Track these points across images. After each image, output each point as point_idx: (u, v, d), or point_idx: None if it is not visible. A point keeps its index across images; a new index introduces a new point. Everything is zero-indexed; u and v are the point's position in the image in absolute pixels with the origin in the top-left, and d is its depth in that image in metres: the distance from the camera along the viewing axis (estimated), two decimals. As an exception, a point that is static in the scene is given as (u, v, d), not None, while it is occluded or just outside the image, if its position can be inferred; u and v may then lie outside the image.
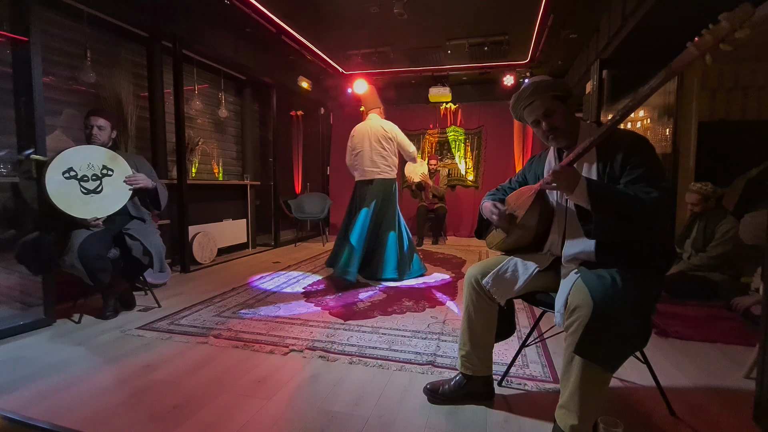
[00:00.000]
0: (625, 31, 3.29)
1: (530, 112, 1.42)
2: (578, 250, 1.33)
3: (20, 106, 2.30)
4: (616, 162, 1.29)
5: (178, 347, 2.08)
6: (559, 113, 1.38)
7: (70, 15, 3.15)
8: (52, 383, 1.69)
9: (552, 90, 1.38)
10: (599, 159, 1.33)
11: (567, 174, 1.23)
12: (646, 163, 1.25)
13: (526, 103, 1.42)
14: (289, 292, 3.13)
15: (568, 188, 1.23)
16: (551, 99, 1.38)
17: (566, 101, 1.41)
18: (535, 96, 1.38)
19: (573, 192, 1.22)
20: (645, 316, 1.18)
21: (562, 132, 1.39)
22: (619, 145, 1.29)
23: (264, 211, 5.63)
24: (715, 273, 2.77)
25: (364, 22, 4.15)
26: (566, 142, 1.41)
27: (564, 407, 1.20)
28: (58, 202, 2.20)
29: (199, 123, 4.70)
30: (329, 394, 1.62)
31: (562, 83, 1.43)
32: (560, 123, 1.38)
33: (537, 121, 1.41)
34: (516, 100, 1.45)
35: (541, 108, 1.38)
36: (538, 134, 1.45)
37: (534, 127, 1.45)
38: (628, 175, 1.26)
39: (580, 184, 1.21)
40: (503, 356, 1.93)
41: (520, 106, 1.45)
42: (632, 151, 1.28)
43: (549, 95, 1.38)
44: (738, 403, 1.57)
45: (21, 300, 2.59)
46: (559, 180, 1.24)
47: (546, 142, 1.46)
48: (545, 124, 1.39)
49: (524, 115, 1.46)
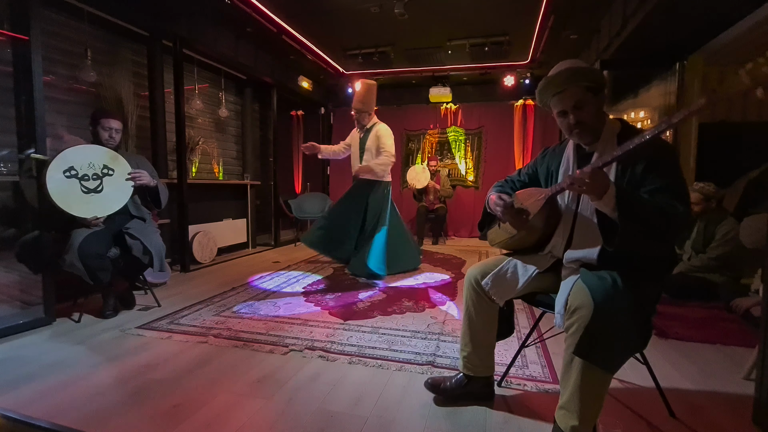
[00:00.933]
0: (625, 32, 3.30)
1: (559, 101, 1.31)
2: (581, 255, 1.32)
3: (21, 106, 2.30)
4: (638, 167, 1.22)
5: (178, 346, 2.08)
6: (590, 107, 1.28)
7: (70, 14, 3.16)
8: (52, 382, 1.69)
9: (587, 80, 1.27)
10: (618, 163, 1.25)
11: (599, 178, 1.13)
12: (671, 174, 1.19)
13: (557, 90, 1.30)
14: (288, 292, 3.13)
15: (597, 193, 1.13)
16: (584, 90, 1.27)
17: (599, 94, 1.30)
18: (568, 84, 1.27)
19: (601, 198, 1.13)
20: (645, 318, 1.18)
21: (588, 128, 1.30)
22: (644, 150, 1.15)
23: (264, 211, 5.64)
24: (715, 274, 2.76)
25: (364, 22, 4.15)
26: (589, 139, 1.33)
27: (564, 408, 1.20)
28: (59, 201, 2.20)
29: (199, 122, 4.70)
30: (329, 394, 1.62)
31: (598, 73, 1.32)
32: (588, 118, 1.29)
33: (564, 112, 1.31)
34: (546, 84, 1.32)
35: (572, 99, 1.28)
36: (561, 125, 1.36)
37: (559, 117, 1.34)
38: (651, 183, 1.20)
39: (609, 192, 1.12)
40: (503, 357, 1.93)
41: (549, 92, 1.33)
42: (657, 159, 1.21)
43: (582, 85, 1.27)
44: (737, 404, 1.57)
45: (21, 299, 2.59)
46: (591, 184, 1.13)
47: (568, 135, 1.37)
48: (573, 117, 1.29)
49: (551, 103, 1.35)
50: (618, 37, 3.46)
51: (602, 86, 1.31)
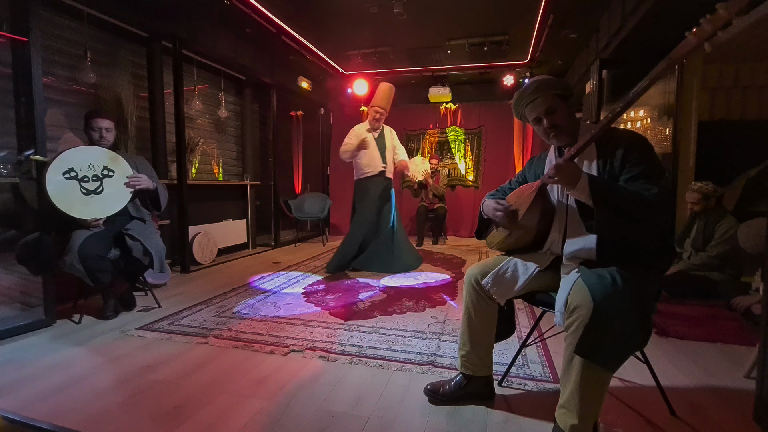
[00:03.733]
0: (624, 31, 3.30)
1: (532, 109, 1.43)
2: (579, 247, 1.33)
3: (20, 107, 2.30)
4: (616, 159, 1.30)
5: (178, 347, 2.08)
6: (561, 111, 1.39)
7: (70, 15, 3.15)
8: (53, 384, 1.69)
9: (554, 88, 1.40)
10: (599, 156, 1.34)
11: (569, 168, 1.24)
12: (645, 161, 1.27)
13: (529, 100, 1.42)
14: (289, 293, 3.13)
15: (569, 182, 1.24)
16: (553, 97, 1.39)
17: (567, 100, 1.43)
18: (538, 93, 1.40)
19: (575, 186, 1.23)
20: (645, 316, 1.18)
21: (563, 130, 1.40)
22: (619, 143, 1.31)
23: (264, 212, 5.63)
24: (715, 272, 2.76)
25: (364, 22, 4.15)
26: (567, 141, 1.42)
27: (564, 407, 1.20)
28: (59, 202, 2.20)
29: (199, 123, 4.70)
30: (329, 395, 1.62)
31: (564, 82, 1.45)
32: (561, 121, 1.39)
33: (538, 118, 1.42)
34: (518, 97, 1.46)
35: (543, 105, 1.39)
36: (539, 132, 1.46)
37: (535, 125, 1.46)
38: (628, 172, 1.27)
39: (582, 179, 1.22)
40: (503, 356, 1.93)
41: (522, 104, 1.46)
42: (631, 148, 1.29)
43: (551, 93, 1.39)
44: (738, 402, 1.57)
45: (21, 300, 2.59)
46: (561, 174, 1.25)
47: (547, 140, 1.46)
48: (546, 121, 1.40)
49: (526, 113, 1.47)
50: (617, 36, 3.46)
51: (570, 93, 1.43)
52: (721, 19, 0.99)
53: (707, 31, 1.02)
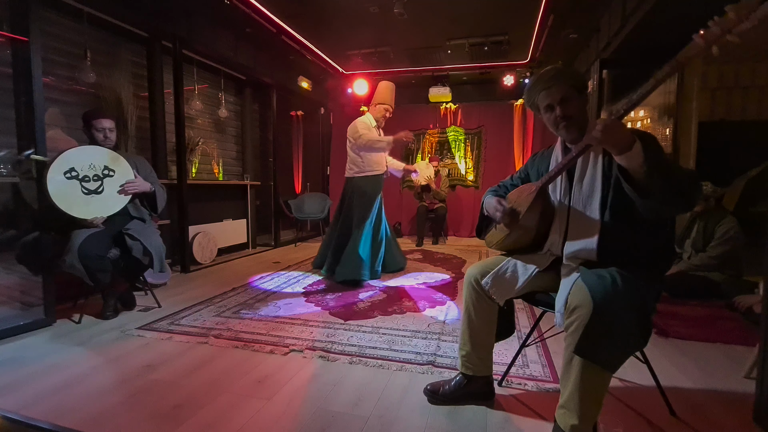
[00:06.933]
0: (625, 31, 3.29)
1: (546, 95, 1.38)
2: (579, 247, 1.33)
3: (20, 107, 2.30)
4: None
5: (178, 347, 2.08)
6: (575, 102, 1.36)
7: (70, 15, 3.15)
8: (53, 383, 1.69)
9: (572, 79, 1.37)
10: (605, 153, 1.30)
11: (620, 129, 1.10)
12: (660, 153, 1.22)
13: (546, 86, 1.38)
14: (289, 292, 3.13)
15: (620, 146, 1.11)
16: (569, 87, 1.36)
17: (582, 93, 1.39)
18: (555, 81, 1.36)
19: (631, 149, 1.10)
20: (645, 316, 1.18)
21: (574, 122, 1.36)
22: None
23: (264, 211, 5.63)
24: (716, 273, 2.76)
25: (364, 22, 4.15)
26: (575, 134, 1.38)
27: (564, 407, 1.20)
28: (59, 202, 2.20)
29: (199, 123, 4.70)
30: (329, 394, 1.62)
31: (582, 75, 1.42)
32: (574, 112, 1.36)
33: (551, 106, 1.38)
34: (535, 82, 1.41)
35: (558, 94, 1.35)
36: (548, 122, 1.41)
37: (546, 112, 1.41)
38: None
39: (636, 142, 1.10)
40: (503, 356, 1.93)
41: (537, 89, 1.41)
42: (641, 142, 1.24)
43: (568, 83, 1.36)
44: (738, 403, 1.57)
45: (21, 300, 2.59)
46: (610, 135, 1.10)
47: (555, 131, 1.42)
48: (559, 110, 1.35)
49: (539, 99, 1.42)
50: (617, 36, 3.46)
51: (585, 87, 1.40)
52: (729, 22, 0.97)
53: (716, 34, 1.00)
